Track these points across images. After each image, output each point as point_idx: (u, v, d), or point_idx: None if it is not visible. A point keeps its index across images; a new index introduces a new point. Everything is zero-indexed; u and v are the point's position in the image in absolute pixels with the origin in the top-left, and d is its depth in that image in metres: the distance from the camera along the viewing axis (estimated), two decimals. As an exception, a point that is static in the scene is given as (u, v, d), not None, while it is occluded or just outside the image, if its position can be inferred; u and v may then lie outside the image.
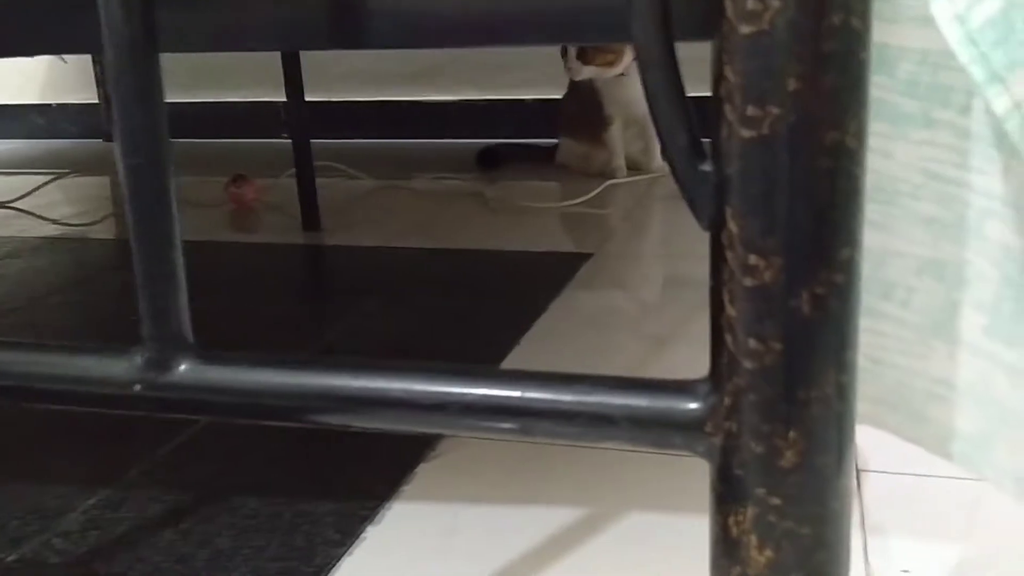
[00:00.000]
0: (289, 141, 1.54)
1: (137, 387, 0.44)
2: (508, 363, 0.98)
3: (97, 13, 0.42)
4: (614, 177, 1.78)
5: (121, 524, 0.70)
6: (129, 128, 0.42)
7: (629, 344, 1.02)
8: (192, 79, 2.38)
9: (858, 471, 0.75)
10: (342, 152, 2.05)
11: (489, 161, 1.97)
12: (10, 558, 0.66)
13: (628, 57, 1.72)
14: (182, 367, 0.43)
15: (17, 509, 0.72)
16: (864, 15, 0.32)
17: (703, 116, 0.35)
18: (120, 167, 0.42)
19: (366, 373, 0.41)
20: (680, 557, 0.64)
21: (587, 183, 1.74)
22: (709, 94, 0.34)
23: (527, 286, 1.22)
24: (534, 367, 1.06)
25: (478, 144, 2.04)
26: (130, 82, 0.42)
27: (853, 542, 0.38)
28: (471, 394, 0.40)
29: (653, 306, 1.15)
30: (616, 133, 1.79)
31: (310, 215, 1.55)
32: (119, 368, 0.44)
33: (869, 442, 0.77)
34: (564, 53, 1.79)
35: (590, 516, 0.69)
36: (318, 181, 1.56)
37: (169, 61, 0.58)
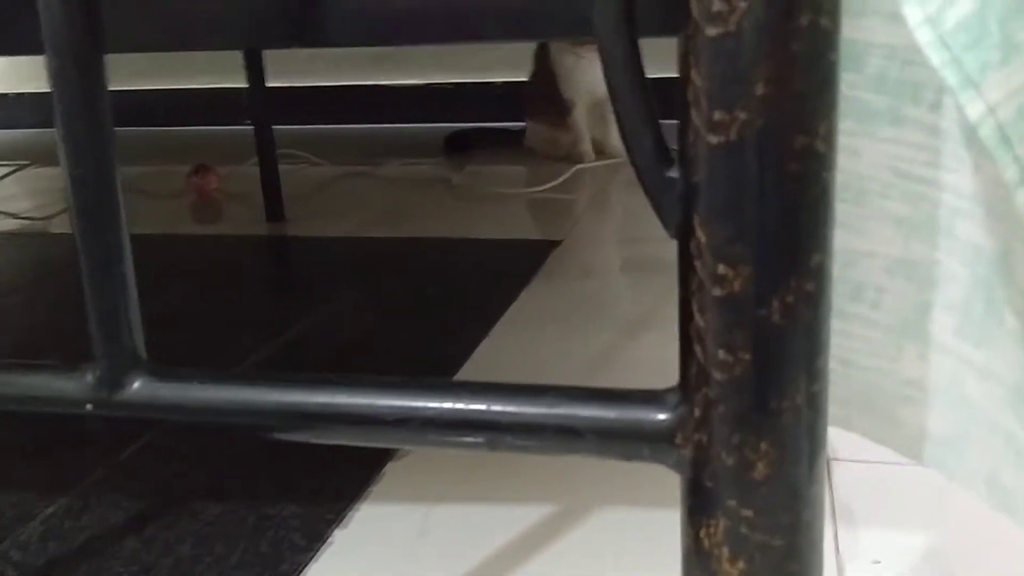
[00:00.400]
0: (251, 127, 1.52)
1: (89, 406, 0.42)
2: (478, 355, 0.96)
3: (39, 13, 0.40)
4: (581, 161, 1.76)
5: (81, 533, 0.68)
6: (73, 137, 0.40)
7: (601, 332, 1.01)
8: (151, 66, 2.33)
9: (828, 460, 0.74)
10: (306, 139, 2.02)
11: (457, 146, 1.95)
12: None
13: None
14: (135, 384, 0.41)
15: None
16: (834, 14, 0.31)
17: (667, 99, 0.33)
18: (65, 178, 0.41)
19: (325, 388, 0.40)
20: (652, 552, 0.64)
21: (555, 168, 1.73)
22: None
23: (496, 275, 1.20)
24: (505, 358, 1.05)
25: (446, 129, 2.02)
26: (74, 88, 0.40)
27: (824, 533, 0.37)
28: (435, 408, 0.38)
29: (624, 292, 1.15)
30: (580, 117, 1.78)
31: (273, 205, 1.53)
32: (70, 387, 0.42)
33: (840, 431, 0.76)
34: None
35: (561, 512, 0.69)
36: (282, 169, 1.53)
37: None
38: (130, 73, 2.20)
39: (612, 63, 0.34)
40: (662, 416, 0.36)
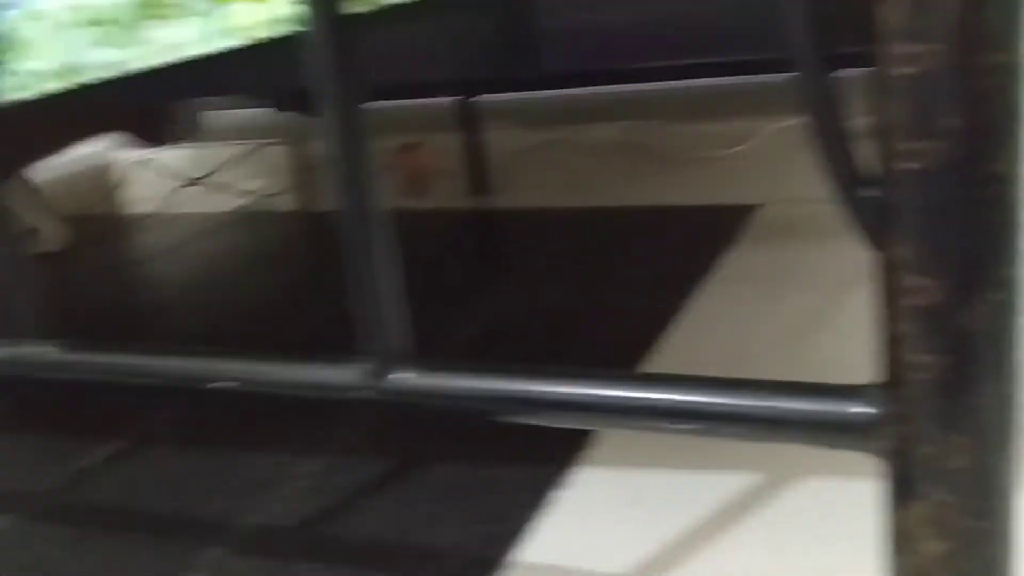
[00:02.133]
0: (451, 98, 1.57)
1: (361, 393, 0.50)
2: (685, 317, 1.01)
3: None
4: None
5: (337, 490, 0.79)
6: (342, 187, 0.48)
7: (805, 299, 1.03)
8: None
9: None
10: (508, 106, 2.09)
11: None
12: (247, 520, 0.76)
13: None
14: (399, 376, 0.49)
15: (240, 478, 0.82)
16: (1015, 51, 0.34)
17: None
18: (342, 218, 0.49)
19: (559, 379, 0.46)
20: (854, 522, 0.67)
21: (751, 127, 1.72)
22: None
23: (695, 243, 1.24)
24: (704, 332, 1.07)
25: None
26: (340, 131, 0.48)
27: (1015, 519, 0.40)
28: (655, 399, 0.44)
29: (829, 255, 1.15)
30: None
31: (478, 177, 1.60)
32: (343, 377, 0.51)
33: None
34: None
35: (766, 482, 0.73)
36: (485, 138, 1.59)
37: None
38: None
39: (811, 100, 0.38)
40: (865, 410, 0.40)
